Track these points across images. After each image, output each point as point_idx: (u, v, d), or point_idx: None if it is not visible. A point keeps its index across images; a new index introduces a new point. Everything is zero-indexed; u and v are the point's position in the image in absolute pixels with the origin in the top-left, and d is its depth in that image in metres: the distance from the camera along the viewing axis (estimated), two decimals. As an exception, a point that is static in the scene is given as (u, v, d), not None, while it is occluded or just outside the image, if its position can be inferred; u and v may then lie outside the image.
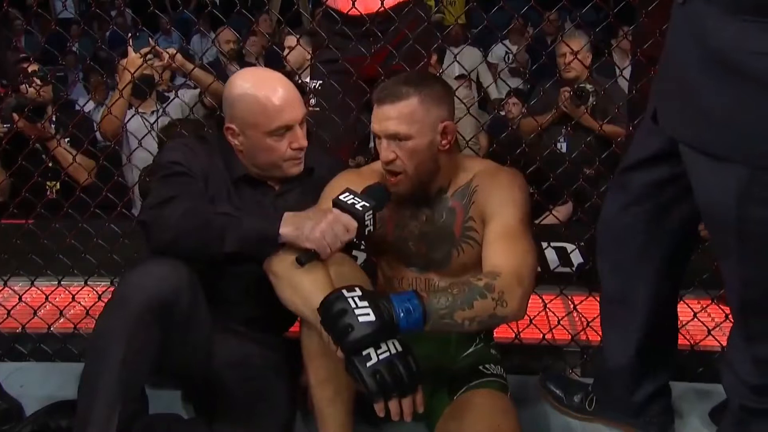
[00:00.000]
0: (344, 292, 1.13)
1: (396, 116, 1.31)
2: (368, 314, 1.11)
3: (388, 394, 1.10)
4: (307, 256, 1.25)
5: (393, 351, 1.12)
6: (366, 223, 1.28)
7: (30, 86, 2.54)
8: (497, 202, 1.36)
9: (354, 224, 1.26)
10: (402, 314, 1.12)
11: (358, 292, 1.13)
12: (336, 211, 1.27)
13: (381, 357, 1.10)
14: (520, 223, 1.34)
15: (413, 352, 1.14)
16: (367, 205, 1.28)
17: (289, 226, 1.27)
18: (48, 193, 2.67)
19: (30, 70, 2.53)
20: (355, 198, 1.29)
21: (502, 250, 1.29)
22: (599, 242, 1.42)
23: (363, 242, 1.62)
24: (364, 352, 1.10)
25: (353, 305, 1.11)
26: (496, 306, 1.19)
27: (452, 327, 1.18)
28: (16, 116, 2.36)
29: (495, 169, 1.44)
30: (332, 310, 1.11)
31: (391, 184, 1.36)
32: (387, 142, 1.33)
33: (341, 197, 1.29)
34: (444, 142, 1.35)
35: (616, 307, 1.43)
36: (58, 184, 2.68)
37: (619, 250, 1.36)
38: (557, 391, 1.62)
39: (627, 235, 1.33)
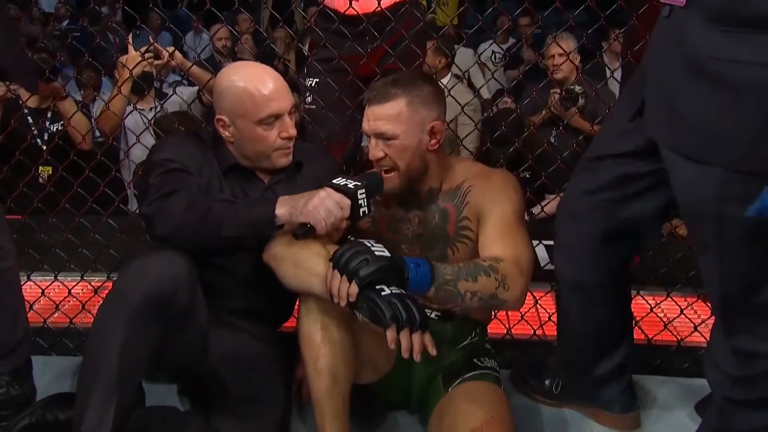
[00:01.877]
0: (359, 240, 1.21)
1: (383, 116, 1.35)
2: (383, 251, 1.19)
3: (401, 324, 1.13)
4: (303, 230, 1.28)
5: (403, 292, 1.17)
6: (360, 202, 1.31)
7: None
8: (492, 200, 1.40)
9: (347, 201, 1.29)
10: (412, 267, 1.19)
11: (372, 240, 1.21)
12: (329, 189, 1.31)
13: (393, 291, 1.16)
14: (515, 219, 1.38)
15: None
16: (359, 184, 1.31)
17: (285, 206, 1.31)
18: (40, 179, 2.68)
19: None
20: (348, 180, 1.33)
21: (501, 242, 1.34)
22: (558, 221, 1.46)
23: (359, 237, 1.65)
24: (377, 286, 1.16)
25: (369, 245, 1.19)
26: (498, 287, 1.25)
27: (454, 297, 1.24)
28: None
29: (488, 171, 1.48)
30: (349, 251, 1.18)
31: (385, 178, 1.39)
32: (375, 140, 1.38)
33: (334, 181, 1.33)
34: (432, 142, 1.39)
35: (571, 290, 1.47)
36: (50, 169, 2.69)
37: (577, 233, 1.40)
38: (529, 378, 1.67)
39: (586, 218, 1.37)
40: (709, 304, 1.82)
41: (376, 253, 1.18)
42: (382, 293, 1.15)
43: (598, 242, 1.37)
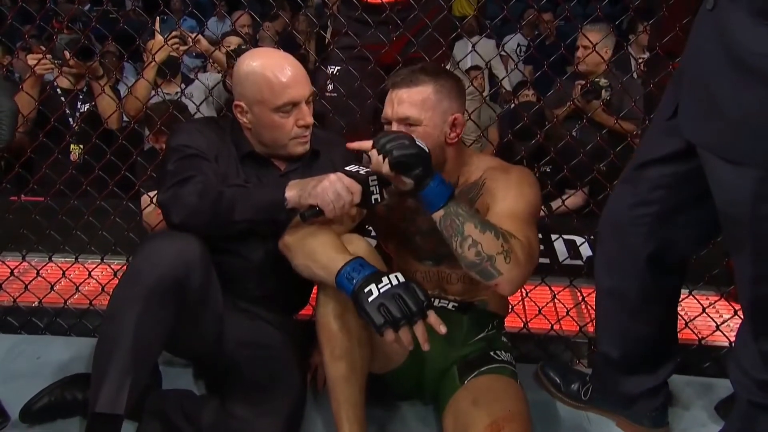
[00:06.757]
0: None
1: (409, 101, 1.33)
2: (424, 147, 1.25)
3: (396, 325, 1.11)
4: (310, 212, 1.28)
5: (394, 283, 1.14)
6: (371, 189, 1.29)
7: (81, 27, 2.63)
8: (504, 191, 1.36)
9: (357, 186, 1.28)
10: (438, 180, 1.23)
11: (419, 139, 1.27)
12: (340, 174, 1.30)
13: (382, 291, 1.13)
14: (526, 212, 1.34)
15: (417, 283, 1.16)
16: (371, 170, 1.30)
17: (294, 189, 1.32)
18: (72, 156, 2.75)
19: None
20: (361, 167, 1.32)
21: (511, 224, 1.28)
22: (600, 234, 1.42)
23: (373, 228, 1.63)
24: (366, 289, 1.13)
25: (414, 137, 1.26)
26: (500, 253, 1.21)
27: (456, 233, 1.22)
28: (67, 54, 2.40)
29: (506, 166, 1.45)
30: (391, 134, 1.26)
31: None
32: (397, 126, 1.35)
33: (347, 168, 1.32)
34: (452, 134, 1.37)
35: (611, 301, 1.43)
36: (81, 146, 2.74)
37: (620, 246, 1.36)
38: (556, 378, 1.65)
39: (630, 233, 1.32)
40: (734, 304, 1.80)
41: (418, 143, 1.23)
42: (369, 299, 1.12)
43: (642, 256, 1.32)
